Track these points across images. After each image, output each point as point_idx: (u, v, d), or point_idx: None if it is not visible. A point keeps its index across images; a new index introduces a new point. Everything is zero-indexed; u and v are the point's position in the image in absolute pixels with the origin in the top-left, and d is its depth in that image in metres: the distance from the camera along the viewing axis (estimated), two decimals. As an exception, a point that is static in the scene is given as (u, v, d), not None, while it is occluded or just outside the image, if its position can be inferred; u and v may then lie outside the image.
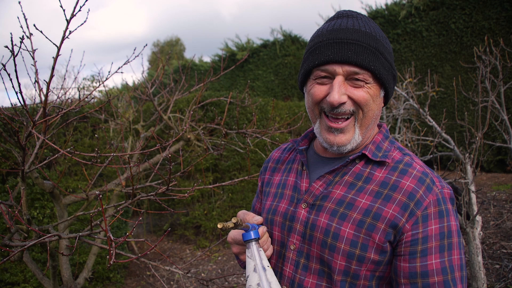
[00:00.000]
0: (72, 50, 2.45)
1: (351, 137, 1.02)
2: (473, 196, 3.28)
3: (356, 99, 0.98)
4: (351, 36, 0.96)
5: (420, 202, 0.94)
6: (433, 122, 3.68)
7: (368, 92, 0.98)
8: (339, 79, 0.97)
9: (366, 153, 1.03)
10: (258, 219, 1.10)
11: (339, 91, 0.96)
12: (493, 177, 7.59)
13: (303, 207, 1.08)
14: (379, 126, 1.14)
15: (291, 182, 1.16)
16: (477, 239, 3.15)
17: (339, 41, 0.96)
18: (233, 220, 0.99)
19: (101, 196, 0.79)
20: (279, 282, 1.11)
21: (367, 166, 1.04)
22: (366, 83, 0.98)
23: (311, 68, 1.01)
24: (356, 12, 1.04)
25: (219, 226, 0.96)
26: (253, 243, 1.03)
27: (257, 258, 1.01)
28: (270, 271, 1.00)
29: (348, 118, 1.00)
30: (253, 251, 1.02)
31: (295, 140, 1.24)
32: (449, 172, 3.91)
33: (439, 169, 6.61)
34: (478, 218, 3.21)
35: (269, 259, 1.17)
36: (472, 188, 3.28)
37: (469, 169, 3.32)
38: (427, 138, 4.20)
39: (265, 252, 1.09)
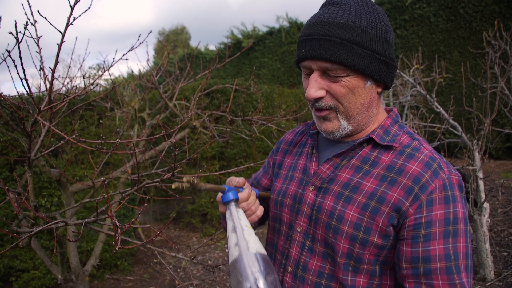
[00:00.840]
0: (76, 38, 2.44)
1: (337, 125, 1.04)
2: (481, 183, 3.26)
3: (333, 93, 0.99)
4: (322, 31, 0.95)
5: (425, 187, 0.93)
6: (441, 109, 3.64)
7: (345, 86, 0.98)
8: (314, 75, 0.99)
9: (374, 137, 1.03)
10: (239, 180, 1.09)
11: (313, 86, 0.99)
12: (501, 164, 7.54)
13: (311, 189, 1.09)
14: (389, 110, 1.13)
15: (301, 165, 1.17)
16: (484, 226, 3.14)
17: (311, 37, 0.97)
18: (185, 178, 0.94)
19: (106, 182, 0.79)
20: (285, 264, 1.12)
21: (374, 150, 1.04)
22: (343, 76, 0.97)
23: (297, 64, 1.06)
24: None
25: (173, 186, 0.91)
26: (232, 204, 1.02)
27: (236, 218, 0.99)
28: (248, 231, 0.97)
29: (329, 109, 1.02)
30: (232, 211, 1.01)
31: (307, 123, 1.25)
32: (457, 159, 3.88)
33: (447, 156, 6.57)
34: (486, 205, 3.19)
35: (275, 235, 1.19)
36: (480, 175, 3.26)
37: (477, 156, 3.29)
38: (434, 125, 4.17)
39: (254, 213, 1.08)
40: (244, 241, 0.94)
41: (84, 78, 2.34)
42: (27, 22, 1.15)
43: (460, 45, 8.39)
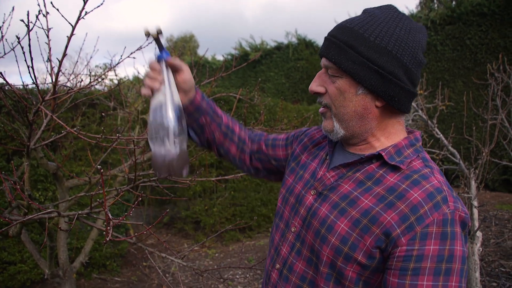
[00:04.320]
0: (87, 34, 2.46)
1: (332, 125, 1.05)
2: (475, 211, 3.26)
3: (328, 92, 1.03)
4: (331, 31, 1.02)
5: (422, 218, 0.88)
6: (441, 135, 3.66)
7: (338, 87, 1.00)
8: (321, 71, 1.05)
9: (383, 154, 0.99)
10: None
11: (316, 81, 1.04)
12: (497, 196, 7.53)
13: (312, 193, 1.09)
14: (411, 132, 1.09)
15: (312, 167, 1.17)
16: (476, 255, 3.13)
17: (327, 35, 1.03)
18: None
19: (103, 175, 0.80)
20: (275, 260, 1.15)
21: (382, 168, 1.00)
22: (337, 77, 1.00)
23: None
24: (380, 7, 1.03)
25: (144, 30, 1.09)
26: (163, 62, 1.15)
27: (165, 74, 1.14)
28: (174, 86, 1.15)
29: (326, 107, 1.06)
30: (163, 68, 1.15)
31: None
32: (453, 186, 3.88)
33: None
34: (479, 234, 3.19)
35: (274, 229, 1.21)
36: (475, 203, 3.26)
37: (473, 184, 3.30)
38: (433, 151, 4.18)
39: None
40: (170, 91, 1.13)
41: (89, 75, 2.36)
42: (39, 12, 1.18)
43: (464, 75, 8.46)
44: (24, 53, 1.15)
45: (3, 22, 1.65)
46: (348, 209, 0.98)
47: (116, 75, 4.45)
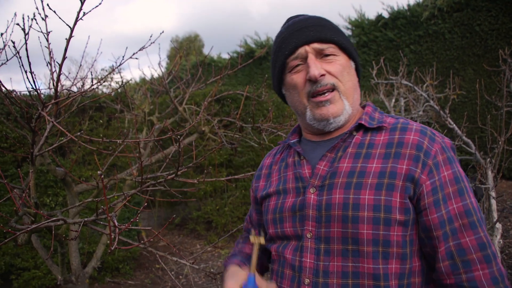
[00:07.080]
0: (89, 37, 2.43)
1: (341, 107, 1.07)
2: (493, 202, 3.17)
3: (332, 72, 1.05)
4: (309, 22, 1.09)
5: (428, 152, 0.98)
6: (454, 125, 3.57)
7: (340, 64, 1.06)
8: (311, 57, 1.05)
9: (362, 122, 1.06)
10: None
11: (316, 66, 1.04)
12: (513, 185, 7.38)
13: (312, 191, 1.05)
14: (364, 106, 1.18)
15: (291, 176, 1.14)
16: (496, 247, 3.05)
17: (299, 28, 1.08)
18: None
19: (104, 178, 0.75)
20: (299, 277, 1.05)
21: (366, 135, 1.06)
22: (335, 55, 1.07)
23: (283, 61, 1.09)
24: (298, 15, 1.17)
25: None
26: None
27: None
28: None
29: (332, 91, 1.06)
30: None
31: (283, 141, 1.26)
32: (468, 177, 3.79)
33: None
34: (498, 225, 3.10)
35: (280, 250, 1.13)
36: (493, 194, 3.17)
37: (490, 174, 3.20)
38: (446, 141, 4.08)
39: None
40: None
41: (93, 78, 2.33)
42: (34, 14, 1.13)
43: (474, 62, 8.30)
44: (20, 58, 1.11)
45: (6, 30, 1.61)
46: (363, 180, 0.99)
47: (121, 78, 4.42)
